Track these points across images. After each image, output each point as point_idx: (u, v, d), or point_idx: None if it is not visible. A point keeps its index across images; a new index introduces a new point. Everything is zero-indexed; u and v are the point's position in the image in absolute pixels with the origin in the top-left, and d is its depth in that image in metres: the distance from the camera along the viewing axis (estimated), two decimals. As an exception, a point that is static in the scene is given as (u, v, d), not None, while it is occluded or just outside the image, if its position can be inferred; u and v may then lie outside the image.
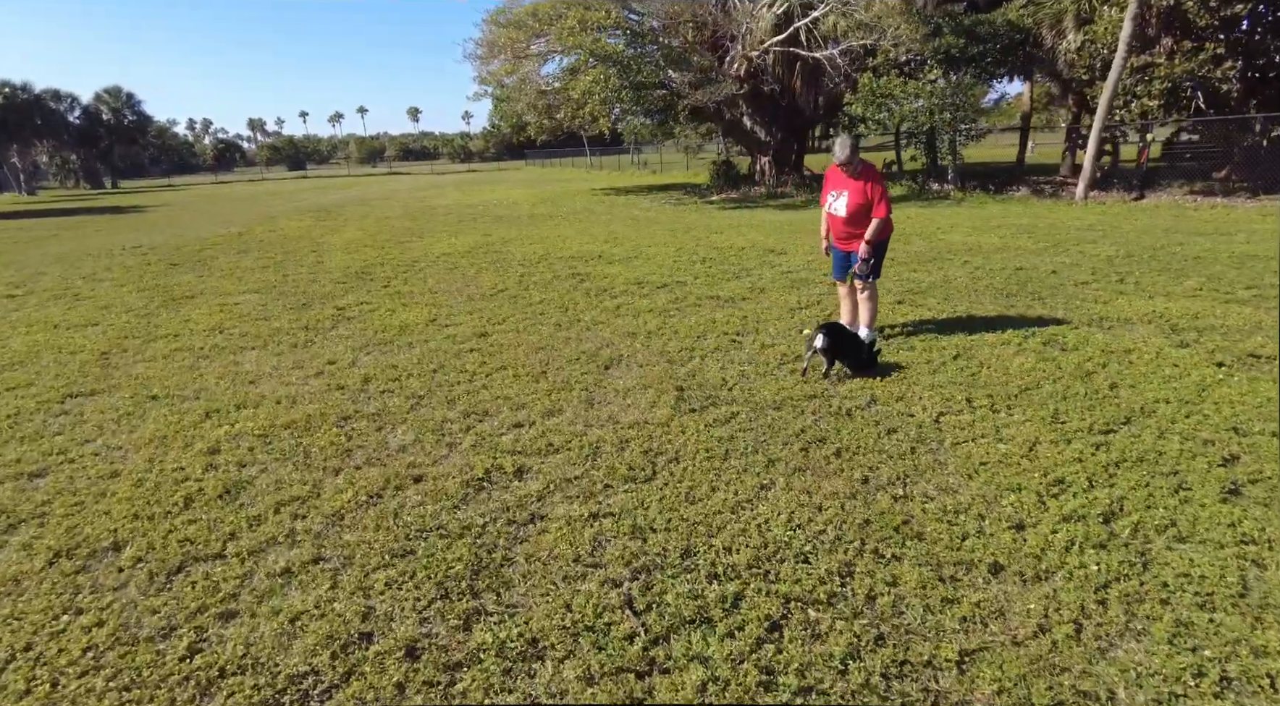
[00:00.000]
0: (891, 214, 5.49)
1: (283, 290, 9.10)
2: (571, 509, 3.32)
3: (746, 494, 3.39)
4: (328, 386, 5.23)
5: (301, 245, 13.49)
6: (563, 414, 4.56)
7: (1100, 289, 7.41)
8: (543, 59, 20.06)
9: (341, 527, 3.23)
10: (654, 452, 3.90)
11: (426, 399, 4.91)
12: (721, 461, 3.76)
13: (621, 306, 7.53)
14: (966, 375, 4.94)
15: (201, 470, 3.85)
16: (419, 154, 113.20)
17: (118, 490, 3.64)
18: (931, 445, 3.88)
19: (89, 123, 56.78)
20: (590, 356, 5.79)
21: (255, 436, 4.31)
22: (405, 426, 4.41)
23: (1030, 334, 5.82)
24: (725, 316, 6.87)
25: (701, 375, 5.17)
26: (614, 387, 5.00)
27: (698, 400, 4.67)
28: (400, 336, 6.63)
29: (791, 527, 3.08)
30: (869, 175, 5.36)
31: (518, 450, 4.00)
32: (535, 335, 6.52)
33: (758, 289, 8.10)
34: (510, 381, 5.23)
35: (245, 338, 6.76)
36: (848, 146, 5.27)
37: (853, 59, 18.34)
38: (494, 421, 4.46)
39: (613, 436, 4.13)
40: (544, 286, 8.79)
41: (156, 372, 5.74)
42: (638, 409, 4.57)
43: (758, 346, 5.84)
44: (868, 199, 5.34)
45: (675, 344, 6.00)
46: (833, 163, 5.48)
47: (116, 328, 7.38)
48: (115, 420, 4.69)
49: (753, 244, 11.64)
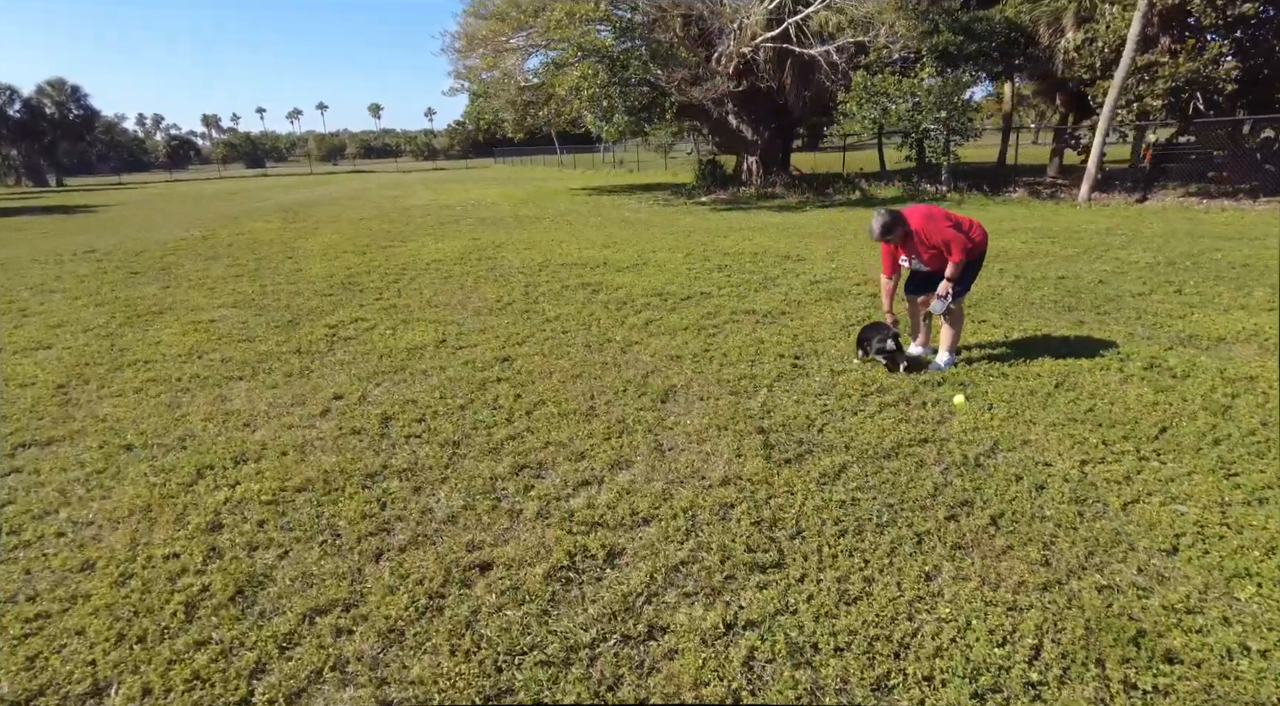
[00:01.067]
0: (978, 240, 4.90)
1: (262, 304, 8.17)
2: (696, 615, 2.59)
3: (912, 586, 2.70)
4: (340, 430, 4.41)
5: (274, 250, 12.46)
6: (633, 466, 3.82)
7: (1164, 301, 6.91)
8: (525, 53, 19.17)
9: (404, 651, 2.45)
10: (767, 524, 3.19)
11: (464, 447, 4.12)
12: (857, 537, 3.06)
13: (651, 323, 6.80)
14: (1082, 410, 4.33)
15: (202, 557, 3.03)
16: (381, 151, 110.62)
17: (93, 594, 2.80)
18: (1096, 507, 3.24)
19: (30, 116, 53.89)
20: (638, 386, 5.06)
21: (263, 504, 3.49)
22: (449, 487, 3.63)
23: (1125, 357, 5.25)
24: (772, 335, 6.19)
25: (779, 411, 4.48)
26: (681, 429, 4.28)
27: (789, 446, 3.97)
28: (410, 361, 5.81)
29: (995, 641, 2.40)
30: (928, 233, 4.81)
31: (597, 521, 3.25)
32: (565, 359, 5.76)
33: (793, 302, 7.45)
34: (556, 421, 4.47)
35: (229, 364, 5.88)
36: (877, 227, 4.82)
37: (849, 57, 17.82)
38: (554, 478, 3.71)
39: (707, 500, 3.41)
40: (555, 299, 8.02)
41: (128, 412, 4.85)
42: (721, 459, 3.85)
43: (826, 373, 5.17)
44: (943, 251, 4.82)
45: (730, 370, 5.30)
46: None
47: (74, 351, 6.41)
48: (82, 481, 3.82)
49: (764, 249, 11.00)
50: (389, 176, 46.99)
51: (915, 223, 4.78)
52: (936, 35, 16.62)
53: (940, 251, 4.82)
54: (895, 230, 4.77)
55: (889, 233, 4.78)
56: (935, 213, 4.88)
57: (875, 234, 4.81)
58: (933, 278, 5.24)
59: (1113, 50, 14.77)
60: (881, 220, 4.76)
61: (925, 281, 5.30)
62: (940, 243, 4.74)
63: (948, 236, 4.72)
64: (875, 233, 4.81)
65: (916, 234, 4.78)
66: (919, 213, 4.85)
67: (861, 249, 10.67)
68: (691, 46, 19.52)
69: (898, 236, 4.81)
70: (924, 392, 4.73)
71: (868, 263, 9.51)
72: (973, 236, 4.91)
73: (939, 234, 4.73)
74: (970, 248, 4.84)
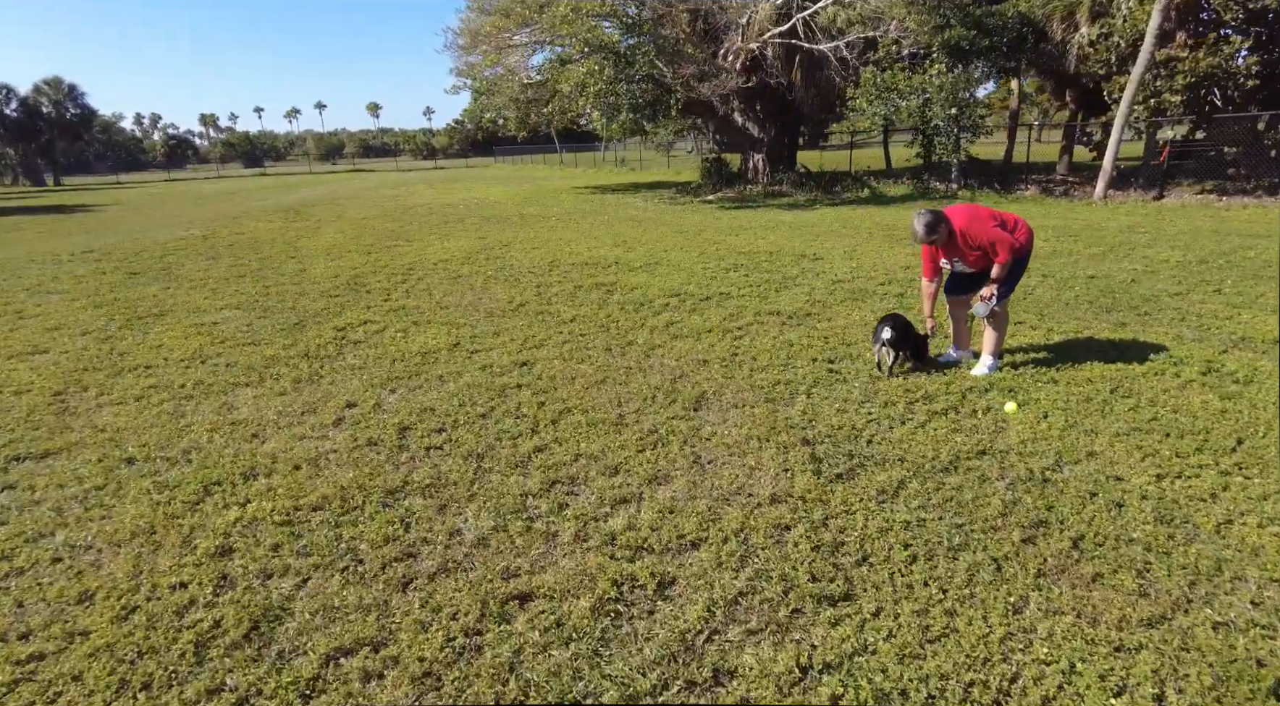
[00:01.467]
0: (1024, 241, 4.64)
1: (266, 305, 7.90)
2: (766, 656, 2.32)
3: (1000, 621, 2.44)
4: (355, 441, 4.14)
5: (277, 250, 12.18)
6: (672, 482, 3.56)
7: (1205, 301, 6.65)
8: (529, 50, 18.88)
9: (442, 700, 2.18)
10: (829, 548, 2.92)
11: (489, 460, 3.86)
12: (929, 562, 2.80)
13: (672, 325, 6.54)
14: (1145, 418, 4.07)
15: (212, 587, 2.76)
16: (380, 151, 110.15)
17: (93, 631, 2.53)
18: (1186, 529, 2.97)
19: (27, 116, 53.51)
20: (667, 392, 4.80)
21: (277, 524, 3.22)
22: (476, 505, 3.36)
23: (1178, 360, 4.99)
24: (801, 338, 5.92)
25: (822, 421, 4.21)
26: (719, 440, 4.02)
27: (839, 460, 3.71)
28: (424, 366, 5.54)
29: (1110, 690, 2.13)
30: (973, 233, 4.54)
31: (641, 545, 2.98)
32: (587, 364, 5.50)
33: (817, 302, 7.18)
34: (584, 431, 4.21)
35: (234, 369, 5.60)
36: (921, 229, 4.54)
37: (859, 53, 17.55)
38: (589, 495, 3.44)
39: (758, 520, 3.15)
40: (569, 299, 7.75)
41: (129, 421, 4.58)
42: (767, 474, 3.59)
43: (865, 378, 4.90)
44: (988, 252, 4.56)
45: (763, 376, 5.03)
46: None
47: (72, 356, 6.14)
48: (80, 498, 3.55)
49: (778, 248, 10.74)
50: (389, 175, 46.67)
51: (960, 222, 4.51)
52: (948, 30, 16.35)
53: (985, 252, 4.56)
54: (939, 231, 4.50)
55: (933, 233, 4.51)
56: (980, 212, 4.61)
57: (918, 236, 4.54)
58: (975, 278, 4.98)
59: (1129, 45, 14.51)
60: (924, 221, 4.48)
61: (967, 282, 5.04)
62: (986, 243, 4.47)
63: (994, 236, 4.46)
64: (918, 234, 4.53)
65: (961, 234, 4.51)
66: (963, 212, 4.58)
67: (880, 248, 10.42)
68: (698, 42, 19.24)
69: (941, 237, 4.54)
70: (973, 400, 4.47)
71: (888, 262, 9.26)
72: (1018, 236, 4.65)
73: (985, 234, 4.46)
74: (1017, 248, 4.58)
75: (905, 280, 8.08)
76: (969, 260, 4.66)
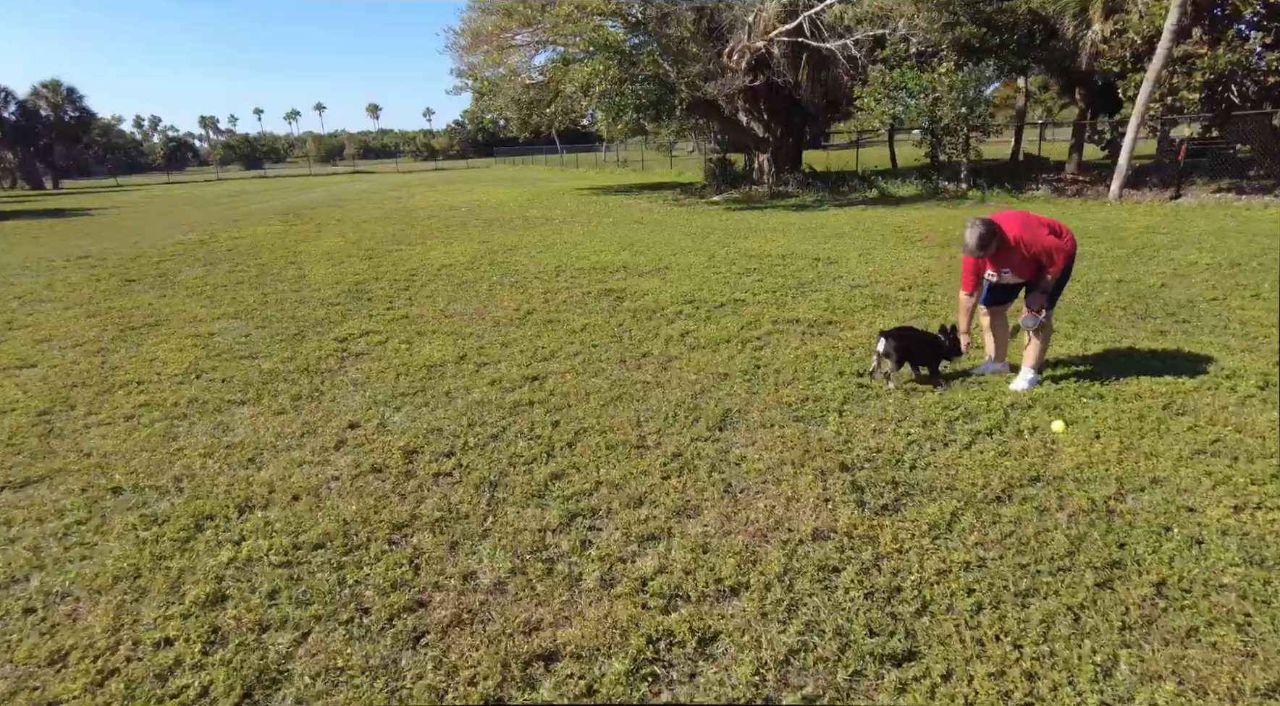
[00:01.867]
0: (1071, 247, 4.37)
1: (265, 315, 7.62)
2: (830, 730, 2.04)
3: (1090, 687, 2.15)
4: (358, 467, 3.86)
5: (276, 255, 11.90)
6: (702, 514, 3.27)
7: (1245, 307, 6.37)
8: (532, 50, 18.61)
9: (462, 790, 1.90)
10: (884, 594, 2.64)
11: (502, 489, 3.58)
12: (996, 612, 2.51)
13: (688, 334, 6.26)
14: (1207, 439, 3.79)
15: (201, 645, 2.48)
16: (380, 152, 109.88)
17: (63, 700, 2.25)
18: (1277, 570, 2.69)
19: (26, 118, 53.21)
20: (689, 410, 4.51)
21: (274, 566, 2.94)
22: (490, 544, 3.08)
23: (1231, 373, 4.71)
24: (826, 349, 5.64)
25: (858, 442, 3.93)
26: (750, 465, 3.73)
27: (883, 488, 3.42)
28: (430, 381, 5.26)
29: (1233, 778, 1.85)
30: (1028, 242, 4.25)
31: (675, 592, 2.70)
32: (601, 378, 5.21)
33: (837, 309, 6.90)
34: (603, 454, 3.92)
35: (230, 386, 5.32)
36: (974, 240, 4.21)
37: (867, 51, 17.26)
38: (612, 531, 3.16)
39: (803, 562, 2.86)
40: (578, 307, 7.47)
41: (117, 445, 4.30)
42: (805, 505, 3.30)
43: (899, 393, 4.62)
44: (1040, 263, 4.29)
45: (789, 391, 4.75)
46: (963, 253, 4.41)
47: (61, 370, 5.86)
48: (60, 536, 3.27)
49: (790, 251, 10.45)
50: (390, 177, 46.39)
51: (1014, 230, 4.22)
52: (959, 28, 16.05)
53: (1036, 261, 4.28)
54: (992, 243, 4.20)
55: (985, 248, 4.20)
56: (1031, 219, 4.33)
57: (971, 248, 4.22)
58: (1015, 288, 4.71)
59: (1145, 41, 14.21)
60: (978, 232, 4.17)
61: (1006, 291, 4.76)
62: (1041, 251, 4.20)
63: (1049, 244, 4.18)
64: (971, 247, 4.21)
65: (1017, 242, 4.22)
66: (1015, 219, 4.29)
67: (895, 250, 10.13)
68: (702, 41, 18.96)
69: (993, 249, 4.24)
70: (1016, 418, 4.19)
71: (906, 266, 8.97)
72: (1066, 243, 4.38)
73: (1039, 242, 4.19)
74: (1070, 255, 4.32)
75: (926, 285, 7.80)
76: (1020, 270, 4.37)
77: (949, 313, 6.61)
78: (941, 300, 7.10)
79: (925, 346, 4.75)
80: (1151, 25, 13.92)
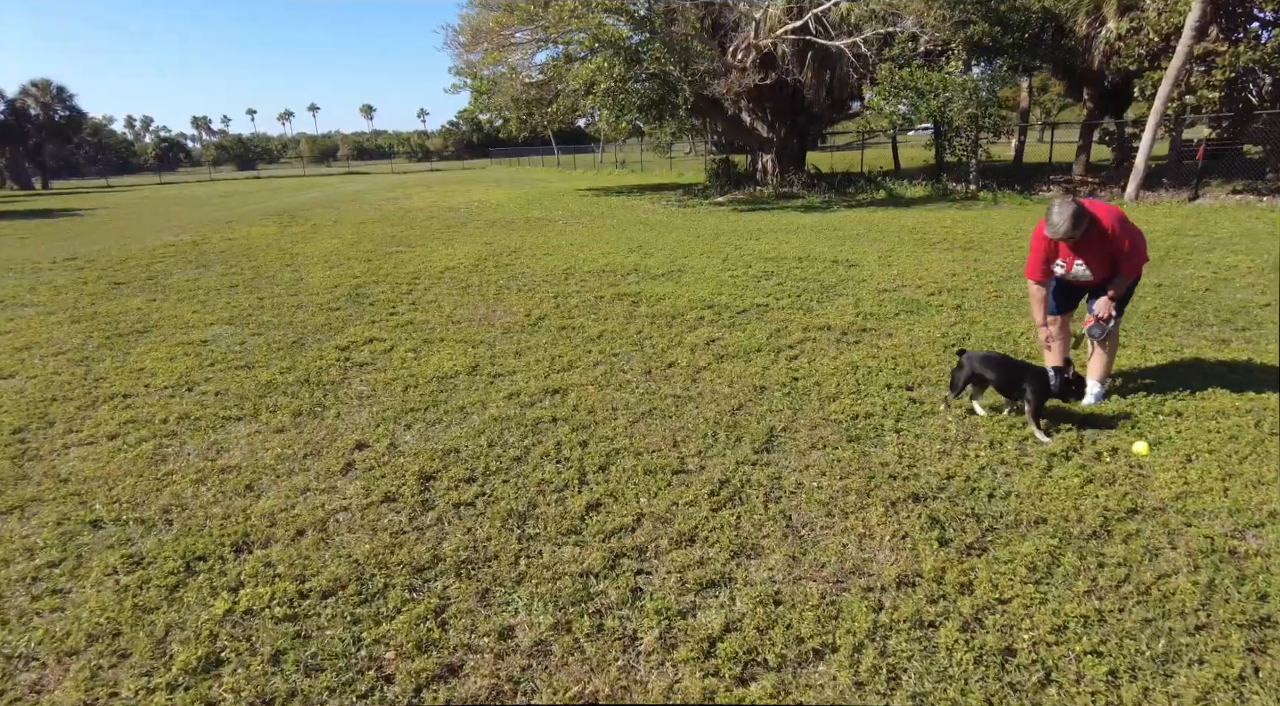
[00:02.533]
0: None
1: (261, 320, 7.19)
2: None
3: (1282, 790, 1.76)
4: (369, 495, 3.45)
5: (271, 257, 11.46)
6: (766, 555, 2.88)
7: (1303, 314, 6.02)
8: (533, 48, 18.19)
9: None
10: (996, 658, 2.24)
11: (533, 522, 3.17)
12: (1134, 681, 2.13)
13: (714, 342, 5.87)
14: (1312, 464, 3.41)
15: (191, 728, 2.07)
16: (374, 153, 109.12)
17: (25, 807, 1.84)
18: None
19: (14, 118, 52.45)
20: (729, 428, 4.12)
21: (277, 620, 2.53)
22: (526, 591, 2.67)
23: (1314, 388, 4.34)
24: (866, 359, 5.26)
25: (924, 467, 3.54)
26: (809, 494, 3.34)
27: (965, 523, 3.03)
28: (442, 395, 4.85)
29: None
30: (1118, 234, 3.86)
31: (750, 656, 2.30)
32: (627, 391, 4.82)
33: (868, 315, 6.52)
34: (641, 480, 3.53)
35: (225, 400, 4.90)
36: (1067, 219, 3.75)
37: (876, 49, 16.91)
38: (664, 574, 2.76)
39: (892, 615, 2.47)
40: (592, 312, 7.07)
41: (99, 469, 3.87)
42: (882, 544, 2.91)
43: (958, 410, 4.23)
44: (1119, 259, 3.92)
45: (836, 406, 4.36)
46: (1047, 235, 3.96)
47: (40, 382, 5.43)
48: (29, 581, 2.85)
49: (806, 253, 10.07)
50: (386, 178, 45.87)
51: (1108, 217, 3.83)
52: (971, 26, 15.72)
53: (1113, 259, 3.91)
54: (1083, 222, 3.79)
55: (1078, 226, 3.77)
56: (1118, 211, 3.95)
57: (1060, 230, 3.78)
58: (1078, 292, 4.34)
59: (1162, 39, 13.91)
60: (1070, 210, 3.73)
61: (1069, 295, 4.39)
62: (1128, 247, 3.83)
63: (1137, 240, 3.82)
64: (1060, 228, 3.77)
65: (1111, 229, 3.83)
66: (1107, 209, 3.91)
67: (915, 253, 9.76)
68: (707, 39, 18.59)
69: (1080, 233, 3.83)
70: (1092, 437, 3.81)
71: (930, 269, 8.60)
72: (1144, 244, 4.02)
73: (1129, 234, 3.82)
74: (1145, 255, 3.96)
75: (957, 289, 7.42)
76: (1097, 265, 3.99)
77: (989, 319, 6.25)
78: (975, 306, 6.73)
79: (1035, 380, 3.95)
80: (1169, 22, 13.61)
